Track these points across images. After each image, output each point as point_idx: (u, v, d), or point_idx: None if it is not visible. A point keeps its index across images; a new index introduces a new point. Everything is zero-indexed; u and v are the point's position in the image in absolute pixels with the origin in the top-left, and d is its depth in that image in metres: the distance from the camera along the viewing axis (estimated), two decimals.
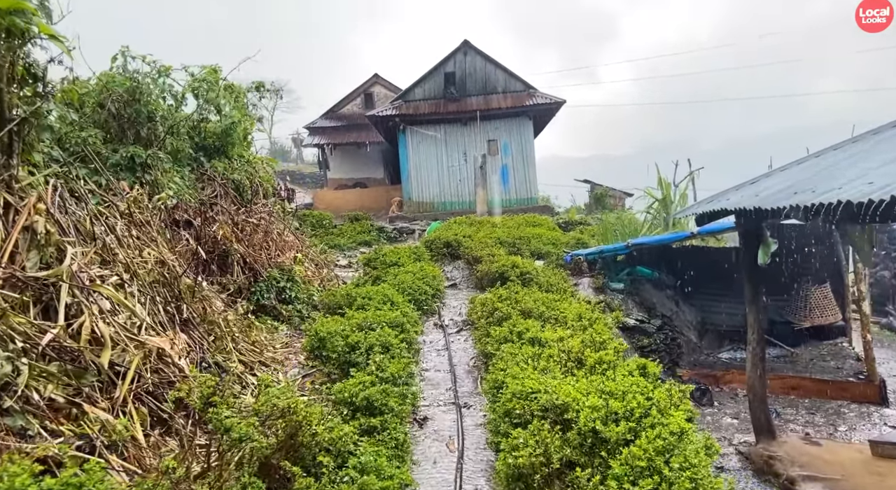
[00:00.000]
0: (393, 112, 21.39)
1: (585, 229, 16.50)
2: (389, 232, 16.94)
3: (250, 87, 8.86)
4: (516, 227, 13.52)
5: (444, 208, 21.39)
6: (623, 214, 16.84)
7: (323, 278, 9.12)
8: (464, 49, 21.53)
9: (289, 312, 7.46)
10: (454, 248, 12.12)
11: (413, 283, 8.65)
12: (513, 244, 12.31)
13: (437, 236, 12.48)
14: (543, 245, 12.53)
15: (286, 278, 7.88)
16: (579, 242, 13.48)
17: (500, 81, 21.59)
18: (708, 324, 12.92)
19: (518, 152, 21.47)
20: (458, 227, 13.30)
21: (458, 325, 8.18)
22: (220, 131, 8.30)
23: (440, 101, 21.56)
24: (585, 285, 11.12)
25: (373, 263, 10.33)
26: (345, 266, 11.63)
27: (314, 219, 16.61)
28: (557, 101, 21.00)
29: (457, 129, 21.50)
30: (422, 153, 21.56)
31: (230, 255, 6.85)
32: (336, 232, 16.42)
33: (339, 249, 15.12)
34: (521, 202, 21.34)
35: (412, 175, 21.58)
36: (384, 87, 31.61)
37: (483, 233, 12.78)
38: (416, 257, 10.53)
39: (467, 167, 21.35)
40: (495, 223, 13.88)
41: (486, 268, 10.31)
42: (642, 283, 12.18)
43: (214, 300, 5.43)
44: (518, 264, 10.19)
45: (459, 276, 11.38)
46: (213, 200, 7.45)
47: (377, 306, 6.98)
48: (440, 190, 21.55)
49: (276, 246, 8.37)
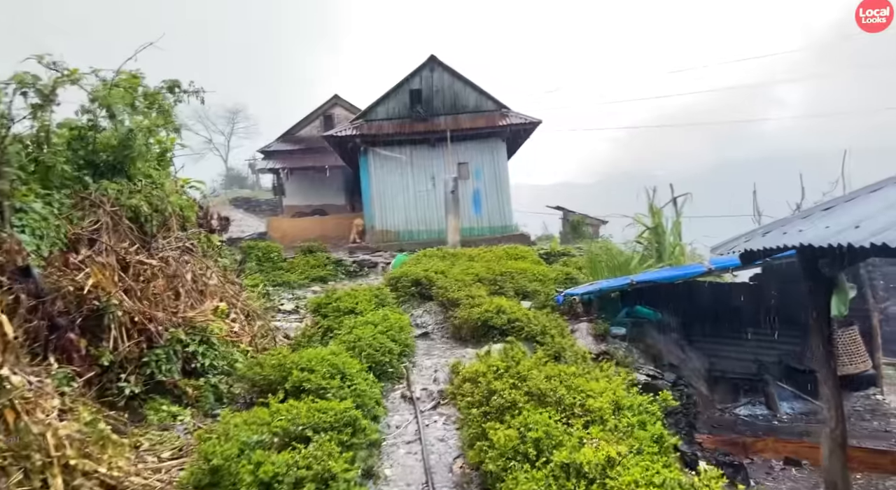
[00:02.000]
0: (353, 132, 19.47)
1: (570, 261, 14.74)
2: (349, 265, 14.85)
3: (161, 87, 6.81)
4: (496, 261, 11.63)
5: (410, 238, 19.42)
6: (609, 245, 15.16)
7: (255, 334, 7.00)
8: (430, 65, 19.85)
9: (198, 391, 5.33)
10: (425, 288, 10.13)
11: (373, 340, 6.60)
12: (494, 281, 10.40)
13: (405, 272, 10.48)
14: (529, 282, 10.65)
15: (199, 340, 5.76)
16: (568, 278, 11.65)
17: (470, 100, 19.93)
18: (715, 371, 11.17)
19: (491, 176, 19.76)
20: (430, 262, 11.34)
21: (434, 398, 6.14)
22: (117, 143, 6.21)
23: (405, 121, 19.76)
24: (583, 332, 9.23)
25: (323, 310, 8.26)
26: (290, 312, 9.49)
27: (260, 251, 14.42)
28: (533, 122, 19.42)
29: (424, 150, 19.69)
30: (385, 177, 19.63)
31: (107, 313, 4.72)
32: (286, 266, 14.25)
33: (287, 288, 12.96)
34: (495, 230, 19.55)
35: (375, 201, 19.59)
36: (345, 109, 29.72)
37: (459, 268, 10.84)
38: (378, 301, 8.49)
39: (436, 193, 19.49)
40: (472, 256, 11.97)
41: (465, 314, 8.35)
42: (644, 327, 10.38)
43: (45, 401, 3.30)
44: (504, 308, 8.27)
45: (432, 321, 9.36)
46: (92, 235, 5.32)
47: (320, 384, 4.93)
48: (406, 218, 19.60)
49: (188, 295, 6.25)
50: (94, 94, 5.87)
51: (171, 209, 6.89)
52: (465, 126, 19.26)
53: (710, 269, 8.78)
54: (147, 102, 7.26)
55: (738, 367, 11.04)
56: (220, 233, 9.93)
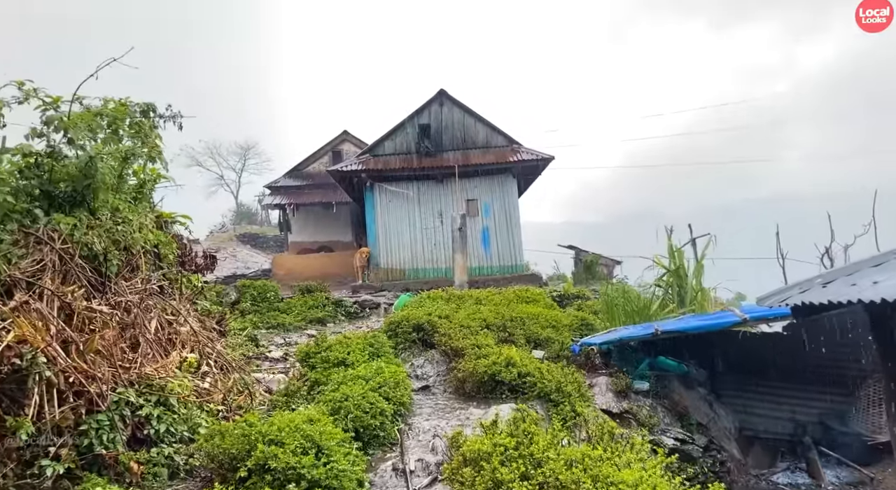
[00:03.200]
0: (359, 167, 18.88)
1: (585, 305, 13.79)
2: (349, 306, 13.98)
3: (134, 111, 6.13)
4: (506, 305, 10.72)
5: (416, 276, 18.58)
6: (627, 288, 14.19)
7: (230, 390, 6.11)
8: (440, 99, 19.36)
9: (146, 465, 4.44)
10: (427, 334, 9.23)
11: (362, 400, 5.70)
12: (503, 327, 9.48)
13: (406, 317, 9.59)
14: (542, 328, 9.72)
15: (154, 401, 4.90)
16: (584, 324, 10.71)
17: (480, 135, 19.35)
18: (748, 430, 10.08)
19: (500, 213, 19.00)
20: (433, 305, 10.46)
21: (431, 472, 5.19)
22: (77, 172, 5.50)
23: (413, 156, 19.17)
24: (603, 387, 8.26)
25: (312, 360, 7.37)
26: (277, 360, 8.61)
27: (256, 290, 13.61)
28: (545, 158, 18.76)
29: (431, 186, 19.04)
30: (392, 213, 18.94)
31: (31, 373, 3.89)
32: (282, 307, 13.41)
33: (282, 330, 12.10)
34: (504, 270, 18.69)
35: (380, 238, 18.85)
36: (354, 145, 29.35)
37: (465, 312, 9.94)
38: (372, 351, 7.60)
39: (443, 230, 18.74)
40: (479, 298, 11.08)
41: (470, 366, 7.42)
42: (669, 380, 9.40)
43: None
44: (514, 360, 7.35)
45: (433, 373, 8.43)
46: (30, 279, 4.53)
47: (289, 462, 4.04)
48: (412, 255, 18.81)
49: (150, 345, 5.41)
50: (49, 117, 5.18)
51: (139, 246, 6.12)
52: (475, 162, 18.63)
53: (743, 319, 7.84)
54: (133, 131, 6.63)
55: (774, 426, 9.98)
56: (204, 272, 9.16)
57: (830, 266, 15.49)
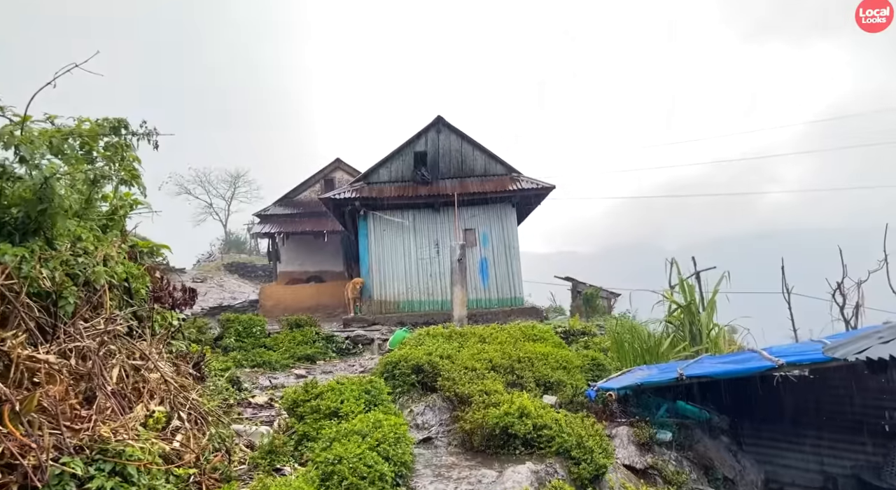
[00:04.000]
0: (353, 195, 18.19)
1: (591, 342, 13.00)
2: (341, 342, 13.09)
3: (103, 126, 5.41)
4: (512, 343, 9.91)
5: (411, 309, 17.75)
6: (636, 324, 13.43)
7: (205, 448, 5.24)
8: (437, 126, 18.82)
9: None
10: (428, 377, 8.39)
11: (360, 461, 4.87)
12: (511, 369, 8.67)
13: (404, 356, 8.75)
14: (552, 370, 8.92)
15: (109, 471, 4.04)
16: (595, 364, 9.92)
17: (478, 163, 18.77)
18: (774, 483, 9.27)
19: (499, 244, 18.30)
20: (433, 343, 9.63)
21: None
22: (31, 195, 4.73)
23: (409, 184, 18.53)
24: (624, 438, 7.43)
25: (300, 409, 6.52)
26: (261, 407, 7.71)
27: (241, 325, 12.70)
28: (546, 187, 18.16)
29: (428, 215, 18.35)
30: (386, 243, 18.19)
31: None
32: (269, 343, 12.50)
33: (268, 369, 11.19)
34: (503, 302, 17.91)
35: (374, 268, 18.05)
36: (347, 173, 28.76)
37: (468, 351, 9.12)
38: (368, 399, 6.74)
39: (440, 260, 17.99)
40: (483, 336, 10.25)
41: (479, 416, 6.60)
42: (691, 429, 8.60)
43: None
44: (528, 410, 6.54)
45: (436, 422, 7.56)
46: None
47: None
48: (407, 287, 18.00)
49: (110, 399, 4.57)
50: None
51: (104, 280, 5.31)
52: (473, 190, 18.00)
53: (779, 364, 7.08)
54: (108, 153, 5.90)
55: (802, 478, 9.19)
56: (183, 307, 8.30)
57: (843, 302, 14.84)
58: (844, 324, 14.49)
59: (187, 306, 8.36)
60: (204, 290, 34.48)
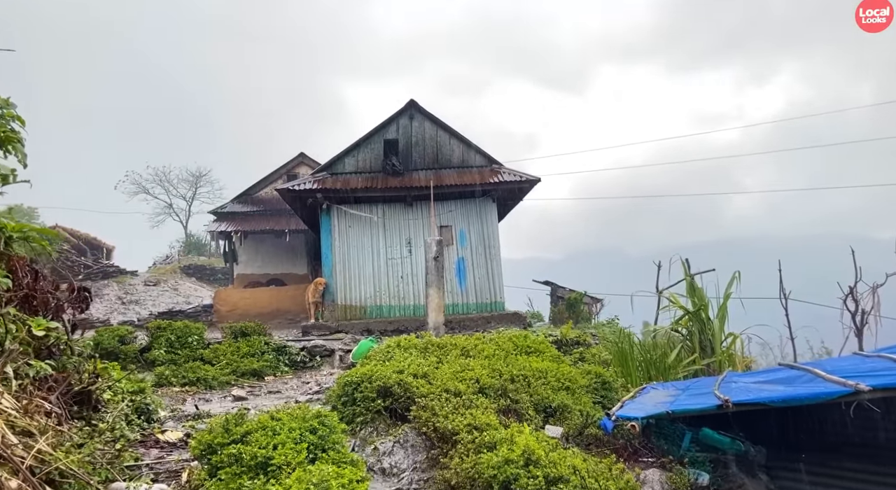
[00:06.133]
0: (314, 186, 16.16)
1: (587, 353, 11.26)
2: (295, 353, 11.07)
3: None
4: (502, 357, 8.06)
5: (379, 314, 15.79)
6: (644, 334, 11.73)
7: None
8: (409, 111, 16.93)
9: None
10: (398, 401, 6.49)
11: None
12: (503, 391, 6.83)
13: (369, 374, 6.83)
14: (553, 391, 7.11)
15: None
16: (602, 383, 8.15)
17: (455, 153, 16.94)
18: None
19: (478, 242, 16.48)
20: (405, 357, 7.72)
21: None
22: None
23: (378, 176, 16.59)
24: (655, 485, 5.65)
25: (216, 457, 4.55)
26: (173, 446, 5.70)
27: (174, 334, 10.58)
28: (530, 179, 16.41)
29: (399, 210, 16.44)
30: (352, 240, 16.21)
31: None
32: (208, 355, 10.43)
33: (202, 387, 9.15)
34: (482, 307, 16.09)
35: (337, 269, 16.04)
36: (311, 168, 26.59)
37: (449, 368, 7.24)
38: (314, 441, 4.79)
39: (412, 260, 16.09)
40: (466, 348, 8.37)
41: (468, 465, 4.74)
42: (726, 465, 6.85)
43: None
44: (535, 455, 4.70)
45: (408, 465, 5.66)
46: None
47: None
48: (375, 290, 16.04)
49: None
50: None
51: None
52: (450, 183, 16.16)
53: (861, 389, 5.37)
54: None
55: None
56: (74, 312, 6.25)
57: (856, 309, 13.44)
58: (857, 332, 13.15)
59: (76, 310, 6.32)
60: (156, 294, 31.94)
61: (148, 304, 28.58)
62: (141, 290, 31.20)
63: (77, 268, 30.16)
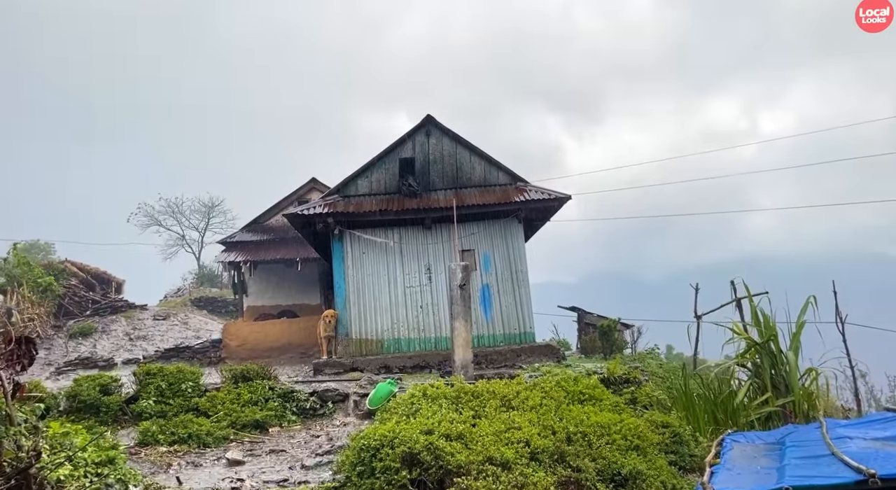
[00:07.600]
0: (325, 210, 14.93)
1: (640, 393, 9.75)
2: (303, 399, 9.65)
3: None
4: (553, 408, 6.59)
5: (398, 349, 14.39)
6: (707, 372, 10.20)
7: None
8: (426, 127, 15.73)
9: None
10: (429, 472, 5.07)
11: None
12: (559, 455, 5.39)
13: (391, 436, 5.45)
14: (621, 453, 5.65)
15: None
16: (675, 437, 6.67)
17: (476, 171, 15.65)
18: None
19: (504, 267, 15.08)
20: (433, 410, 6.31)
21: None
22: None
23: (393, 197, 15.34)
24: None
25: None
26: None
27: (166, 380, 9.24)
28: (559, 197, 15.05)
29: (417, 234, 15.13)
30: (366, 267, 14.90)
31: None
32: (204, 403, 9.06)
33: (195, 445, 7.78)
34: (510, 339, 14.62)
35: (351, 299, 14.71)
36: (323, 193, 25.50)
37: (490, 425, 5.82)
38: None
39: (432, 288, 14.72)
40: (506, 397, 6.91)
41: None
42: None
43: None
44: None
45: None
46: None
47: None
48: (393, 321, 14.66)
49: None
50: None
51: None
52: (471, 202, 14.84)
53: None
54: None
55: None
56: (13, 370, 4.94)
57: None
58: None
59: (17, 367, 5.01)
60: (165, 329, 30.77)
61: (156, 340, 27.45)
62: (149, 325, 30.10)
63: (85, 303, 29.19)
